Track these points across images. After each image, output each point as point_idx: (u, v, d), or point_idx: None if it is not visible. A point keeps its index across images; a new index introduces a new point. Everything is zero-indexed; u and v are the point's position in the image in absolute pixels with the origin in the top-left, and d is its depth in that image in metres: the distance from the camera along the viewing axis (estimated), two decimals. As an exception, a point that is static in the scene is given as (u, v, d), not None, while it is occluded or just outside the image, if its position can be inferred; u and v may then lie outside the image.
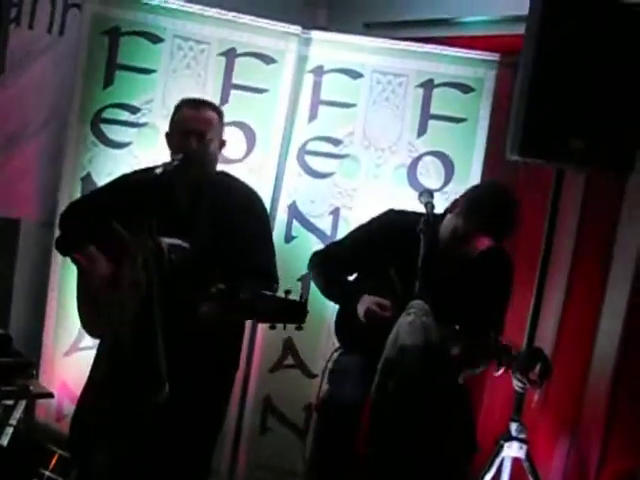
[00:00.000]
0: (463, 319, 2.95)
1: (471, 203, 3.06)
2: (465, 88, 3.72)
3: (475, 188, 3.23)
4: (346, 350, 3.31)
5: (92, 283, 2.94)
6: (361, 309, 3.08)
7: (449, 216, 3.11)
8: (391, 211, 3.33)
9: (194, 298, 2.81)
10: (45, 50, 3.87)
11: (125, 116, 3.71)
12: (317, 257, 3.41)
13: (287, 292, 2.63)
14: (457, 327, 2.92)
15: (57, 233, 3.65)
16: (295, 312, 2.62)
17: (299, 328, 2.64)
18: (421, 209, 3.14)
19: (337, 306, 3.39)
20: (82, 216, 3.12)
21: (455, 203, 3.13)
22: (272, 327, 2.67)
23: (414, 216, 3.15)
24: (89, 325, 3.06)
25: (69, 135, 3.73)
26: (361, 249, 3.29)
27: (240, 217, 3.05)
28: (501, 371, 3.38)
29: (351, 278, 3.39)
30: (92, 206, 3.13)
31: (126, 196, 2.94)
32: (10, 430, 3.43)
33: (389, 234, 3.22)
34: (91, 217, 3.03)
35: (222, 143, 3.12)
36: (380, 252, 3.18)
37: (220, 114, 3.11)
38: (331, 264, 3.35)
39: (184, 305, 2.79)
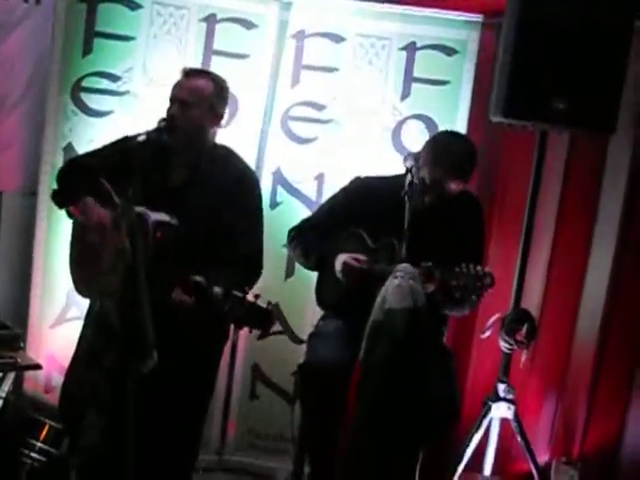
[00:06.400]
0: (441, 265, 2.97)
1: (431, 152, 3.13)
2: (448, 50, 3.70)
3: (431, 139, 3.28)
4: (328, 314, 3.34)
5: (88, 236, 2.90)
6: (338, 265, 3.13)
7: (414, 171, 3.12)
8: (358, 178, 3.40)
9: (169, 284, 2.83)
10: (21, 20, 3.79)
11: (105, 84, 3.66)
12: (294, 231, 3.43)
13: (256, 296, 2.64)
14: (429, 263, 2.94)
15: (41, 202, 3.64)
16: (260, 319, 2.64)
17: (263, 335, 2.65)
18: (393, 173, 3.28)
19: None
20: (80, 172, 3.06)
21: (417, 157, 3.16)
22: (239, 327, 2.69)
23: (383, 180, 3.31)
24: (80, 285, 3.03)
25: (49, 105, 3.67)
26: (336, 216, 3.33)
27: (234, 199, 3.04)
28: (488, 333, 3.42)
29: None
30: (88, 165, 3.07)
31: (118, 160, 2.91)
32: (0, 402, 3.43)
33: (361, 199, 3.29)
34: (86, 176, 2.96)
35: (217, 115, 3.09)
36: (355, 217, 3.23)
37: (217, 84, 3.09)
38: (308, 234, 3.37)
39: (162, 285, 2.81)
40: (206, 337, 3.06)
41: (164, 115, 2.99)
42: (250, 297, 2.65)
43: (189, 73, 3.08)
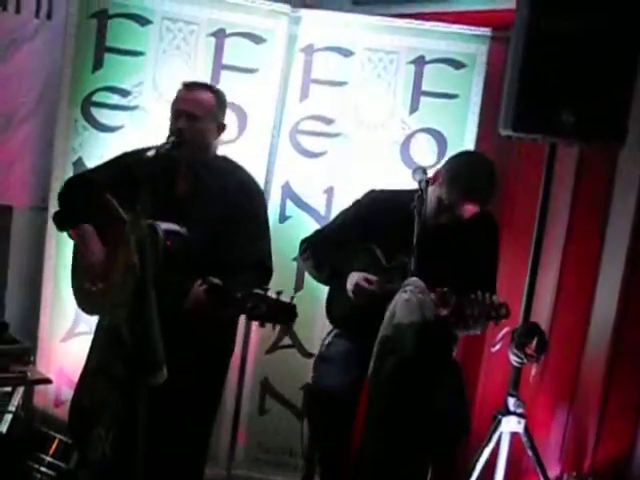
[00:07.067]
0: (454, 285, 2.95)
1: (451, 172, 3.10)
2: (457, 64, 3.70)
3: (453, 158, 3.26)
4: (337, 332, 3.32)
5: (84, 262, 2.93)
6: (349, 285, 3.12)
7: (432, 188, 3.12)
8: (373, 191, 3.37)
9: (187, 289, 2.83)
10: (33, 35, 3.83)
11: (115, 99, 3.69)
12: (306, 242, 3.42)
13: (279, 293, 2.67)
14: (445, 289, 2.92)
15: (51, 217, 3.65)
16: (285, 314, 2.66)
17: (286, 329, 2.67)
18: (402, 187, 3.24)
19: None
20: (81, 191, 3.08)
21: (436, 175, 3.15)
22: (262, 325, 2.70)
23: (396, 194, 3.26)
24: (83, 303, 3.05)
25: (59, 120, 3.70)
26: (349, 229, 3.32)
27: (238, 207, 3.05)
28: (498, 346, 3.40)
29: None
30: (92, 182, 3.08)
31: (123, 176, 2.93)
32: (9, 417, 3.44)
33: (375, 212, 3.27)
34: (90, 193, 2.99)
35: (220, 126, 3.11)
36: (367, 231, 3.22)
37: (218, 96, 3.10)
38: (320, 247, 3.36)
39: (177, 293, 2.82)
40: (217, 343, 3.07)
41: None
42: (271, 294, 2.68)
43: (190, 86, 3.10)
